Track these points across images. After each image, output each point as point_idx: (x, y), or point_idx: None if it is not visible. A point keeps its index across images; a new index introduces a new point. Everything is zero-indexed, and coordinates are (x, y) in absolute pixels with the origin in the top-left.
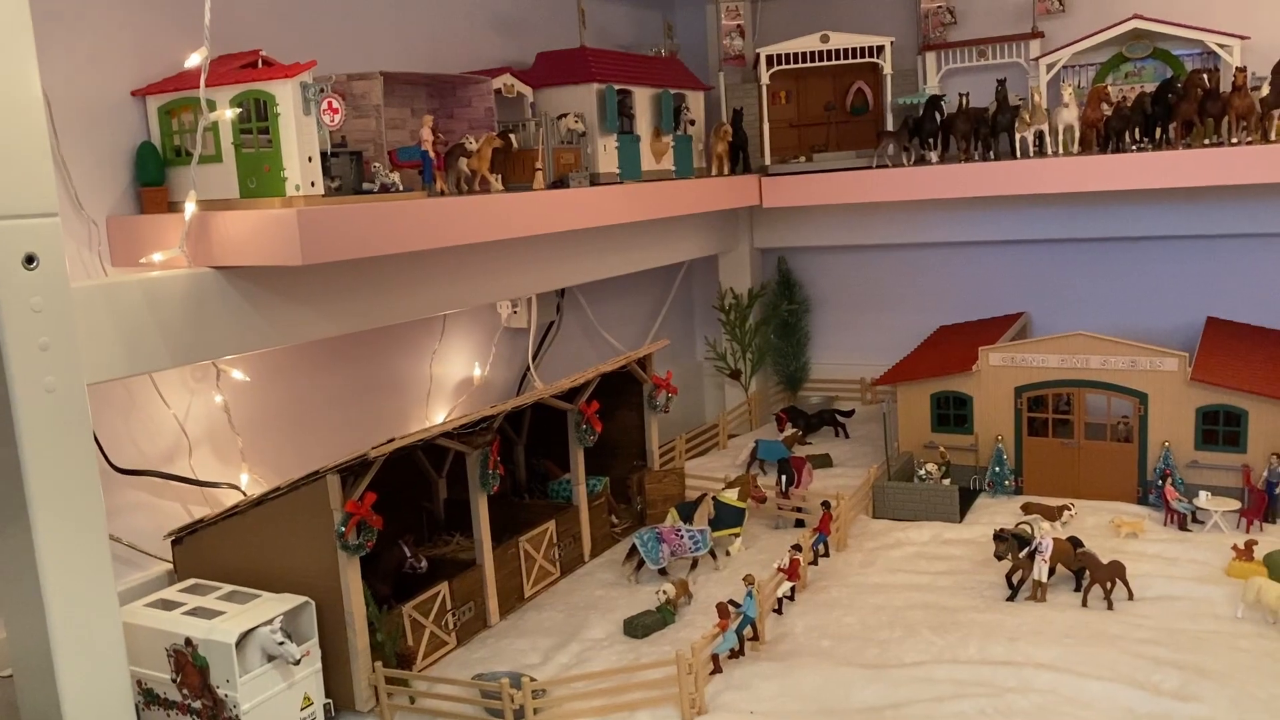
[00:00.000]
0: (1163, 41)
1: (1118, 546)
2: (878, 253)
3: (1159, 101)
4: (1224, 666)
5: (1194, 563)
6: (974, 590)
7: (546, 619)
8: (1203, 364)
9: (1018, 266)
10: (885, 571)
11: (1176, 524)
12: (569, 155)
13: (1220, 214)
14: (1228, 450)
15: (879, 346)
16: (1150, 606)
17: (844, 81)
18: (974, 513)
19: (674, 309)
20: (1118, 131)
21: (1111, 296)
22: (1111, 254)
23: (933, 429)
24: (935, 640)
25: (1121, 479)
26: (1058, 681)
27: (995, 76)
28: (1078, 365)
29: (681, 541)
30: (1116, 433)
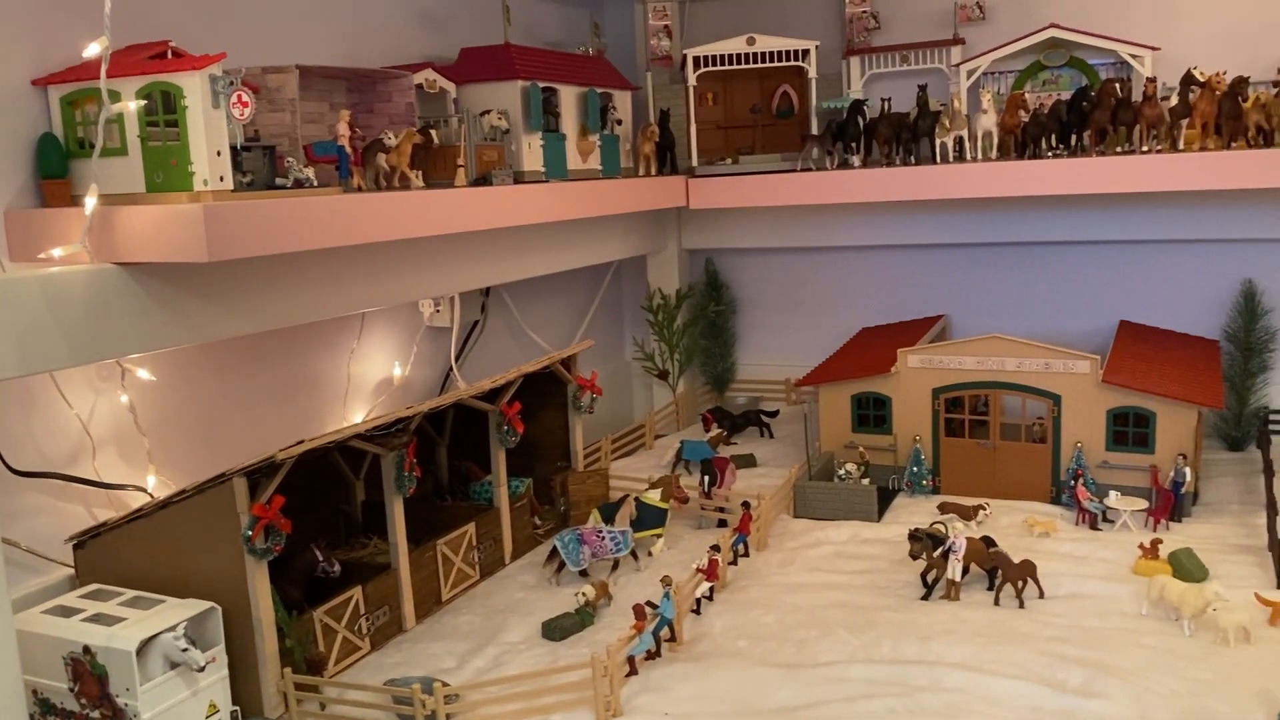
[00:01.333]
0: (1079, 50)
1: (1031, 545)
2: (803, 255)
3: (1074, 109)
4: (1128, 663)
5: (1103, 561)
6: (890, 589)
7: (464, 623)
8: (1114, 367)
9: (938, 269)
10: (804, 571)
11: (1088, 523)
12: (492, 152)
13: (1133, 220)
14: (1137, 451)
15: (804, 347)
16: (1060, 604)
17: (770, 84)
18: (892, 512)
19: (602, 309)
20: (1035, 138)
21: (1029, 300)
22: (1029, 258)
23: (853, 429)
24: (851, 639)
25: (1036, 479)
26: (968, 680)
27: (917, 82)
28: (993, 367)
29: (603, 543)
30: (1031, 433)
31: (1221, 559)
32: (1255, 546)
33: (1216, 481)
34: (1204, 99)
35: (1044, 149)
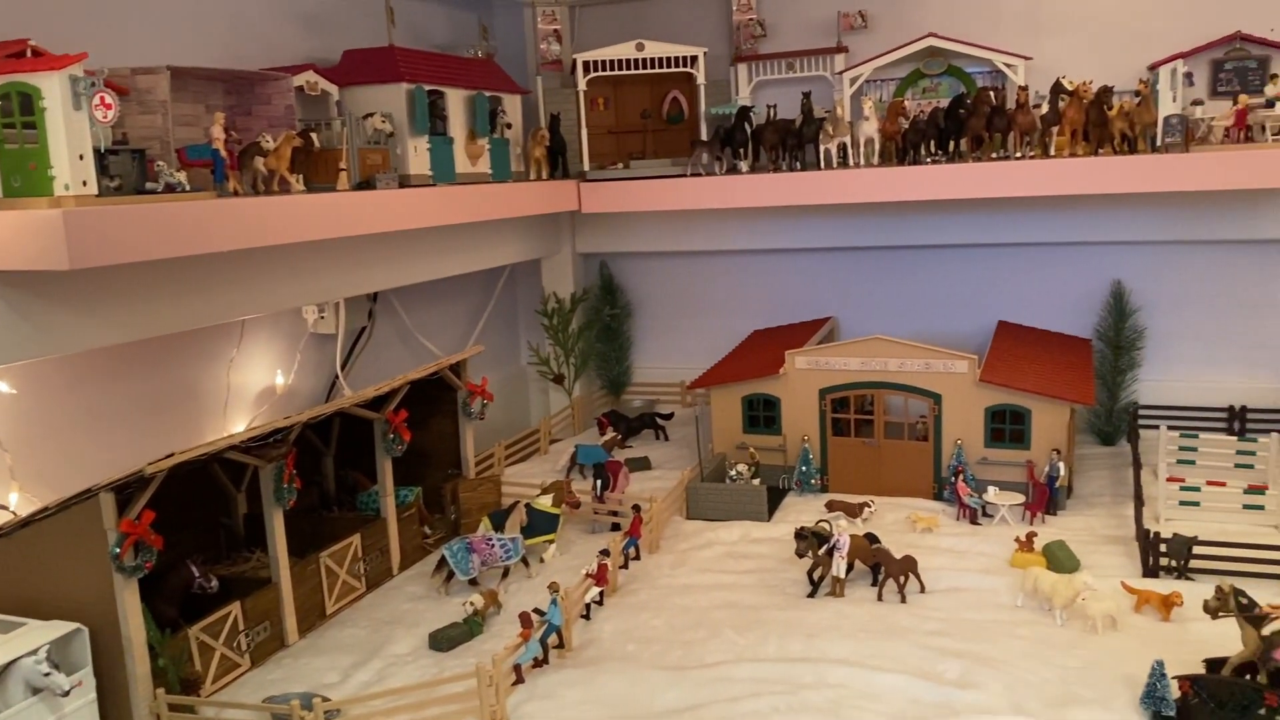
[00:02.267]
0: (956, 59)
1: (914, 541)
2: (697, 259)
3: (951, 116)
4: (1002, 654)
5: (982, 555)
6: (777, 588)
7: (348, 636)
8: (991, 366)
9: (827, 273)
10: (694, 572)
11: (968, 518)
12: (376, 156)
13: (1009, 224)
14: (1014, 447)
15: (698, 350)
16: (940, 598)
17: (660, 90)
18: (782, 511)
19: (497, 314)
20: (914, 144)
21: (913, 301)
22: (913, 261)
23: (744, 430)
24: (737, 639)
25: (918, 476)
26: (850, 676)
27: (803, 89)
28: (877, 368)
29: (493, 550)
30: (914, 432)
31: (1093, 550)
32: (1124, 537)
33: (1089, 475)
34: (1073, 107)
35: (923, 155)
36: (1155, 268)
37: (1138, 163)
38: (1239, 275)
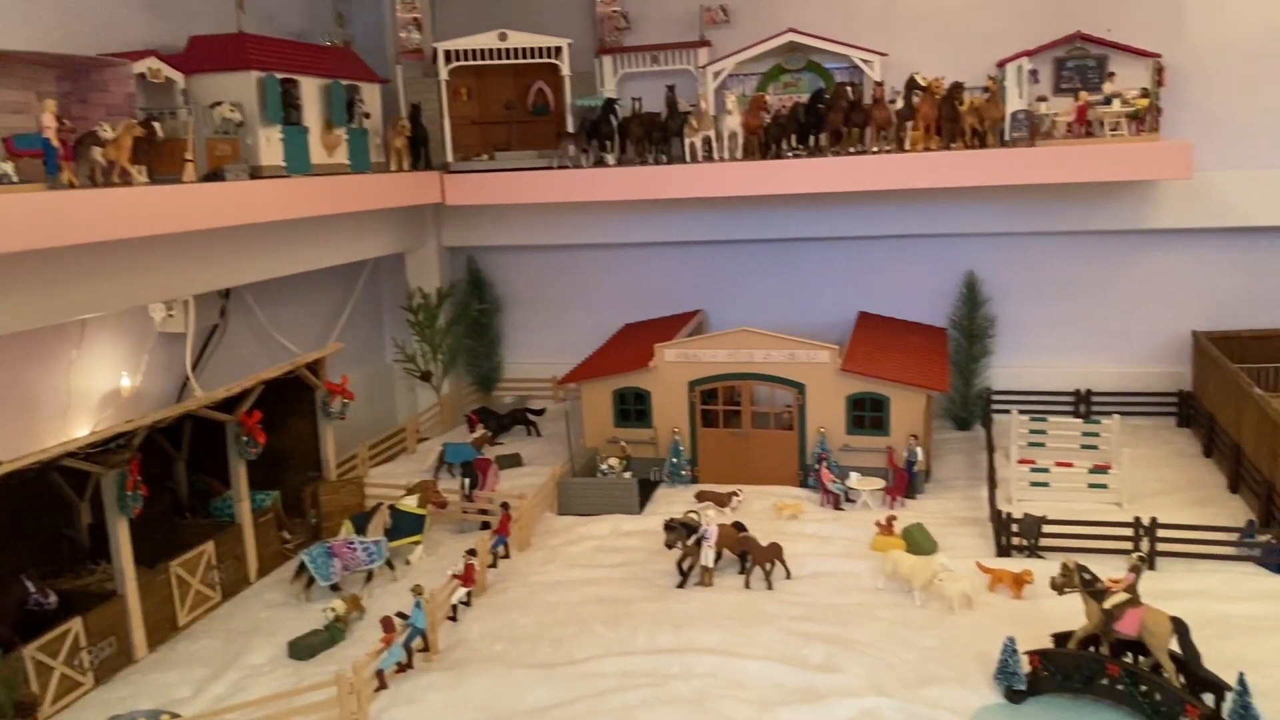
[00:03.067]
0: (816, 55)
1: (780, 528)
2: (567, 252)
3: (811, 111)
4: (864, 636)
5: (845, 540)
6: (648, 580)
7: (202, 648)
8: (852, 356)
9: (695, 266)
10: (565, 568)
11: (832, 504)
12: (226, 146)
13: (868, 216)
14: (874, 434)
15: (570, 345)
16: (805, 584)
17: (525, 80)
18: (653, 503)
19: (360, 310)
20: (776, 138)
21: (778, 293)
22: (778, 254)
23: (615, 424)
24: (607, 634)
25: (784, 464)
26: (718, 665)
27: (667, 82)
28: (744, 359)
29: (355, 554)
30: (780, 421)
31: (949, 531)
32: (979, 518)
33: (946, 459)
34: (926, 102)
35: (785, 149)
36: (1005, 258)
37: (987, 157)
38: (1082, 264)
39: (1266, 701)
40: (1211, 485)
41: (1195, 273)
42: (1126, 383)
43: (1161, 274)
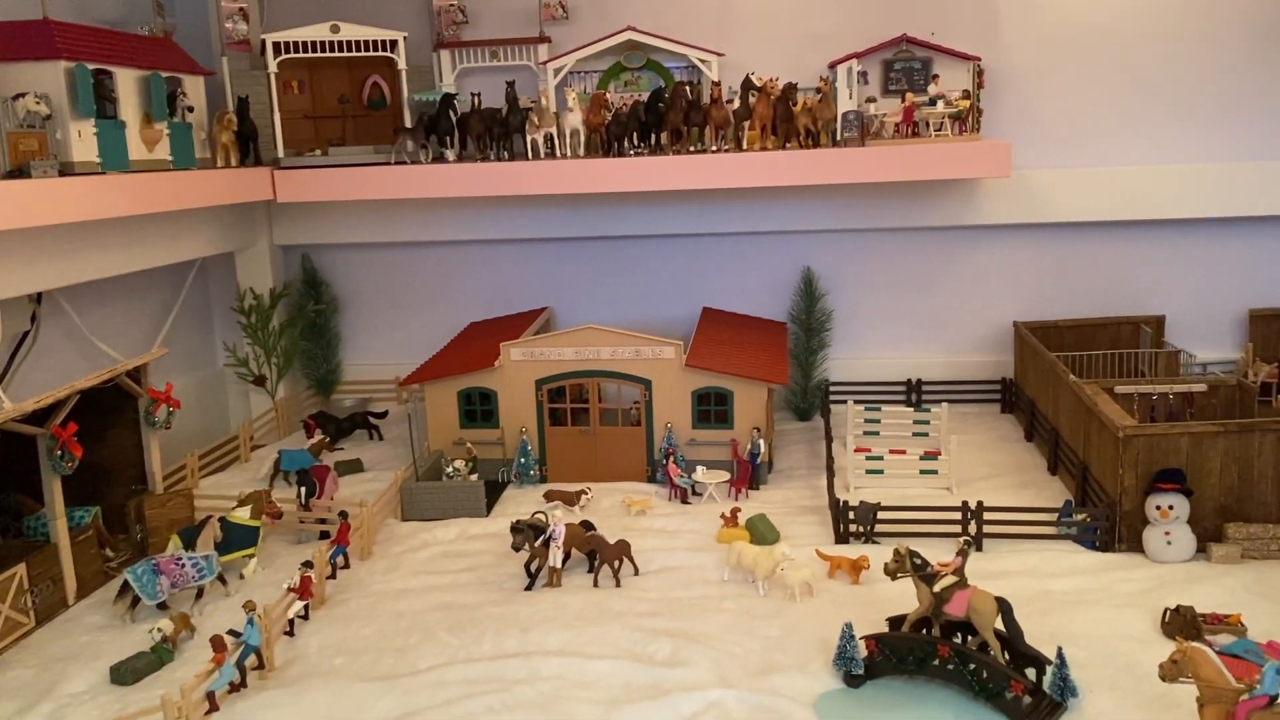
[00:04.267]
0: (655, 54)
1: (629, 524)
2: (407, 250)
3: (651, 110)
4: (710, 629)
5: (692, 533)
6: (494, 584)
7: (12, 679)
8: (696, 351)
9: (542, 263)
10: (409, 576)
11: (679, 498)
12: (31, 141)
13: (710, 214)
14: (719, 427)
15: (413, 345)
16: (653, 579)
17: (360, 74)
18: (502, 505)
19: (187, 313)
20: (618, 136)
21: (625, 290)
22: (623, 251)
23: (461, 425)
24: (451, 641)
25: (633, 460)
26: (565, 666)
27: (507, 78)
28: (590, 356)
29: (183, 571)
30: (628, 417)
31: (791, 520)
32: (819, 507)
33: (788, 450)
34: (761, 102)
35: (627, 147)
36: (840, 254)
37: (820, 156)
38: (912, 259)
39: (1083, 671)
40: (1033, 468)
41: (1016, 266)
42: (954, 372)
43: (985, 268)
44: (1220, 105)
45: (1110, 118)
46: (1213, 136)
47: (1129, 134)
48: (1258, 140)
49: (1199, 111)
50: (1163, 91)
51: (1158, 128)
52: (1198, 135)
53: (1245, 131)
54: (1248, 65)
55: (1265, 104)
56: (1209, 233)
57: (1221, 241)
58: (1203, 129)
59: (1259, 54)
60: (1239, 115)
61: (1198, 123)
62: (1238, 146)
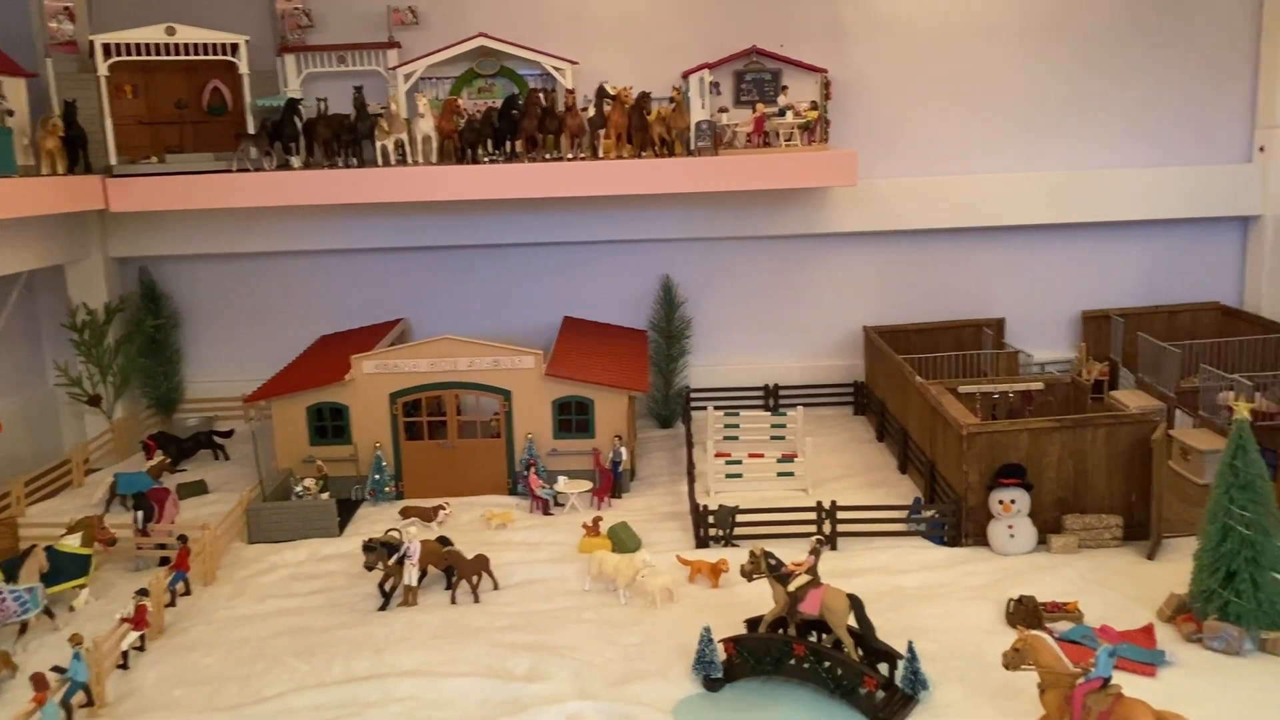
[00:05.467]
0: (509, 60)
1: (490, 538)
2: (254, 261)
3: (505, 117)
4: (570, 640)
5: (554, 544)
6: (347, 605)
7: None
8: (557, 360)
9: (398, 273)
10: (255, 601)
11: (541, 509)
12: None
13: (569, 223)
14: (580, 436)
15: (260, 360)
16: (513, 593)
17: (199, 78)
18: (355, 523)
19: (13, 330)
20: (471, 143)
21: (485, 300)
22: (482, 260)
23: (311, 442)
24: (300, 667)
25: (493, 473)
26: (420, 687)
27: (355, 83)
28: (447, 368)
29: (4, 605)
30: (487, 429)
31: (653, 527)
32: (681, 512)
33: (650, 457)
34: (616, 111)
35: (481, 155)
36: (698, 262)
37: (675, 165)
38: (768, 267)
39: (933, 664)
40: (884, 467)
41: (865, 272)
42: (810, 376)
43: (836, 274)
44: (1053, 119)
45: (951, 129)
46: (1046, 148)
47: (969, 145)
48: (1087, 151)
49: (1034, 124)
50: (1000, 105)
51: (996, 139)
52: (1033, 147)
53: (1075, 143)
54: (1078, 83)
55: (1093, 119)
56: (1044, 238)
57: (1056, 247)
58: (1037, 141)
59: (1088, 73)
60: (1070, 128)
61: (1033, 135)
62: (1069, 157)
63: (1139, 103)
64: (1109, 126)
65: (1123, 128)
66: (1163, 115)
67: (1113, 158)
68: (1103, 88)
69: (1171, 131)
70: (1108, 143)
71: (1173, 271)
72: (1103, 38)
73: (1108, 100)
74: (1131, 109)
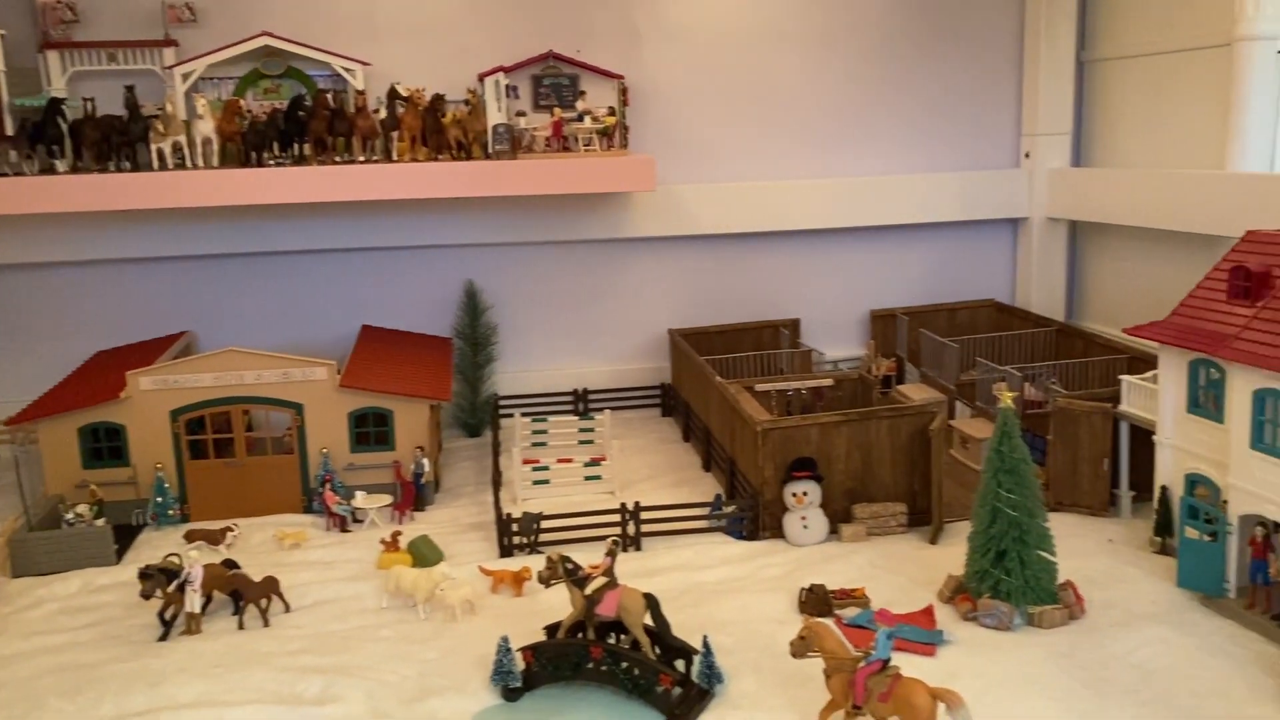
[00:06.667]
0: (296, 61)
1: (283, 559)
2: (19, 273)
3: (291, 118)
4: (365, 660)
5: (351, 562)
6: (123, 638)
7: None
8: (352, 371)
9: (183, 284)
10: (17, 639)
11: (338, 527)
12: None
13: (366, 228)
14: (379, 449)
15: (28, 379)
16: (305, 615)
17: None
18: (135, 550)
19: None
20: (256, 146)
21: (278, 310)
22: (274, 268)
23: (85, 466)
24: (65, 707)
25: (286, 491)
26: (200, 718)
27: (127, 83)
28: (233, 382)
29: None
30: (280, 445)
31: (458, 539)
32: (487, 522)
33: (457, 467)
34: (409, 113)
35: (267, 158)
36: (502, 268)
37: (472, 168)
38: (573, 272)
39: (730, 657)
40: (689, 466)
41: (669, 276)
42: (617, 379)
43: (641, 278)
44: (839, 127)
45: (743, 136)
46: (834, 155)
47: (761, 151)
48: (871, 158)
49: (821, 132)
50: (789, 113)
51: (786, 146)
52: (821, 153)
53: (860, 150)
54: (861, 93)
55: (876, 128)
56: (835, 242)
57: (846, 250)
58: (825, 148)
59: (870, 84)
60: (854, 136)
61: (821, 142)
62: (854, 164)
63: (917, 112)
64: (891, 135)
65: (903, 136)
66: (939, 124)
67: (894, 164)
68: (884, 98)
69: (947, 139)
70: (890, 150)
71: (952, 271)
72: (882, 51)
73: (889, 110)
74: (911, 118)
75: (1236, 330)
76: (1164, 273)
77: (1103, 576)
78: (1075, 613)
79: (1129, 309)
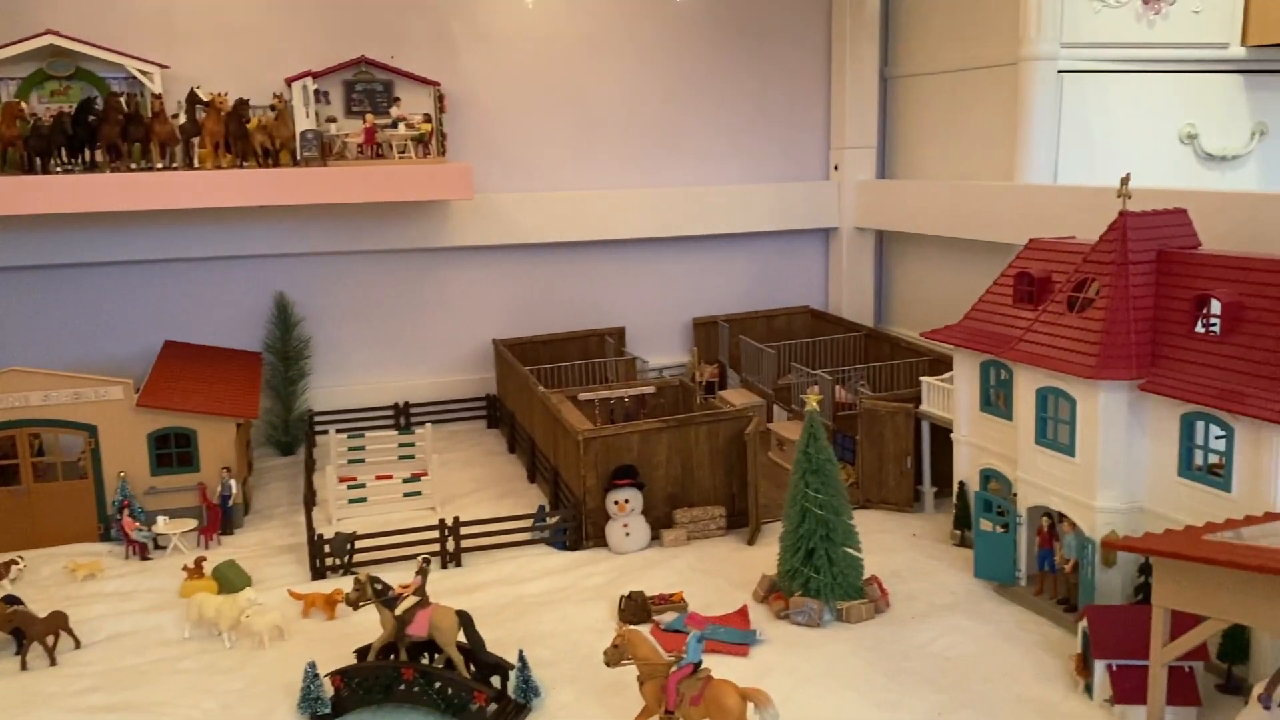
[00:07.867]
0: (86, 61)
1: (75, 592)
2: None
3: (81, 122)
4: (162, 695)
5: (152, 591)
6: None
7: None
8: (151, 389)
9: None
10: None
11: (139, 554)
12: None
13: (167, 238)
14: (183, 471)
15: None
16: (98, 651)
17: None
18: None
19: None
20: (40, 151)
21: (73, 327)
22: (68, 281)
23: None
24: None
25: (80, 518)
26: None
27: None
28: (17, 404)
29: None
30: (73, 470)
31: (269, 562)
32: (299, 544)
33: (270, 487)
34: (211, 119)
35: (53, 164)
36: (315, 279)
37: (280, 176)
38: (391, 282)
39: (549, 669)
40: (514, 478)
41: (492, 286)
42: (442, 392)
43: (463, 288)
44: (657, 137)
45: (563, 145)
46: (652, 165)
47: (580, 160)
48: (689, 169)
49: (640, 141)
50: (607, 122)
51: (605, 155)
52: (640, 163)
53: (678, 161)
54: (677, 103)
55: (693, 139)
56: (657, 251)
57: (668, 259)
58: (644, 158)
59: (686, 94)
60: (672, 147)
61: (639, 152)
62: (672, 174)
63: (734, 126)
64: (708, 147)
65: (720, 149)
66: (754, 138)
67: (712, 176)
68: (701, 111)
69: (763, 152)
70: (707, 162)
71: (770, 279)
72: (699, 66)
73: (705, 123)
74: (728, 132)
75: (1021, 332)
76: (960, 279)
77: (906, 570)
78: (881, 606)
79: (930, 313)
